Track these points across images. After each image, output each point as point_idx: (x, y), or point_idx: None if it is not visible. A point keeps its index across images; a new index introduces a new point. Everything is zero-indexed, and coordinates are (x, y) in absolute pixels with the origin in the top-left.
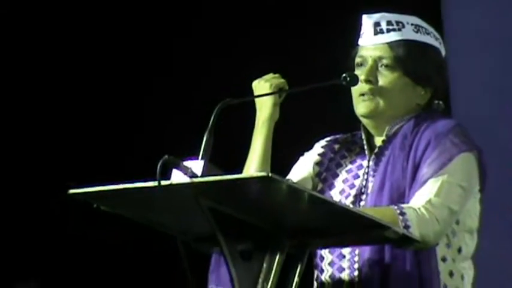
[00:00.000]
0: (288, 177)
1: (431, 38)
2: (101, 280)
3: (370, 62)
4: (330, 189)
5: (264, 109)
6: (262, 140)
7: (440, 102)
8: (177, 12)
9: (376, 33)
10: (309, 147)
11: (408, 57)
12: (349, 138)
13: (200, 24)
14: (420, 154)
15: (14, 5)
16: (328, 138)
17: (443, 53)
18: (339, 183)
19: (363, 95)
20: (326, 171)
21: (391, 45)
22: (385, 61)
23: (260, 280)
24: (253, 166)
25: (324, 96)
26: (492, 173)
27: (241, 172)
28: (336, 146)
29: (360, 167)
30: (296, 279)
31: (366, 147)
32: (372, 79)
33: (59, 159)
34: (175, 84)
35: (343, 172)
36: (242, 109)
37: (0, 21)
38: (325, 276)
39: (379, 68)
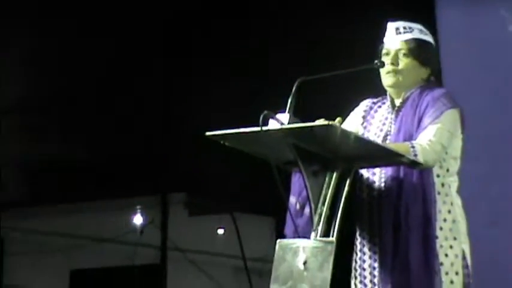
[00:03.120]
0: (344, 123)
1: (428, 37)
2: None
3: (393, 52)
4: (368, 131)
5: None
6: None
7: (433, 78)
8: None
9: (397, 34)
10: (356, 105)
11: (416, 49)
12: (380, 100)
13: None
14: (423, 110)
15: None
16: (368, 100)
17: (434, 45)
18: (373, 128)
19: (389, 72)
20: (366, 121)
21: (406, 41)
22: (402, 51)
23: (323, 189)
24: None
25: (366, 74)
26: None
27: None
28: (373, 105)
29: (386, 118)
30: (346, 188)
31: (390, 106)
32: (394, 63)
33: None
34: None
35: (376, 121)
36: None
37: None
38: (363, 187)
39: (399, 56)
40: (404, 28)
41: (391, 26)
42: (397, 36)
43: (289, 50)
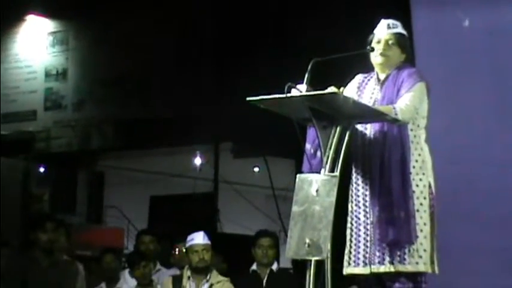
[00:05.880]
0: (345, 91)
1: (405, 31)
2: None
3: (383, 41)
4: (362, 98)
5: None
6: None
7: (407, 61)
8: None
9: (387, 28)
10: (352, 77)
11: (400, 40)
12: (369, 75)
13: None
14: (400, 83)
15: None
16: (360, 74)
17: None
18: (365, 95)
19: (379, 55)
20: (359, 90)
21: (394, 34)
22: (390, 41)
23: (330, 138)
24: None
25: (358, 57)
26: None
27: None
28: (364, 78)
29: (374, 89)
30: (346, 138)
31: (376, 80)
32: (386, 48)
33: None
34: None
35: (367, 91)
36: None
37: None
38: (358, 137)
39: (388, 44)
40: (393, 24)
41: (383, 22)
42: (387, 29)
43: (307, 40)
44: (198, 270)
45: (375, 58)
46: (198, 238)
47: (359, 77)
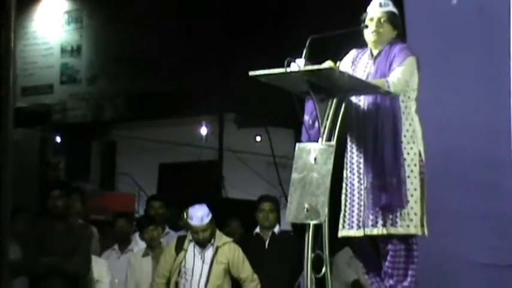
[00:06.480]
0: (340, 65)
1: (396, 9)
2: None
3: (376, 19)
4: (356, 72)
5: None
6: None
7: (398, 37)
8: None
9: (380, 6)
10: (347, 52)
11: (391, 17)
12: (363, 50)
13: None
14: (392, 58)
15: None
16: (354, 50)
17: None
18: (359, 69)
19: (373, 32)
20: (354, 65)
21: (386, 12)
22: (382, 19)
23: (327, 110)
24: None
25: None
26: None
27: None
28: (358, 53)
29: (367, 63)
30: (342, 110)
31: (370, 55)
32: (378, 25)
33: None
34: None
35: (361, 65)
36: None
37: None
38: (352, 109)
39: (381, 21)
40: (385, 2)
41: (375, 1)
42: (379, 8)
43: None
44: (200, 243)
45: (368, 35)
46: (196, 219)
47: (353, 52)
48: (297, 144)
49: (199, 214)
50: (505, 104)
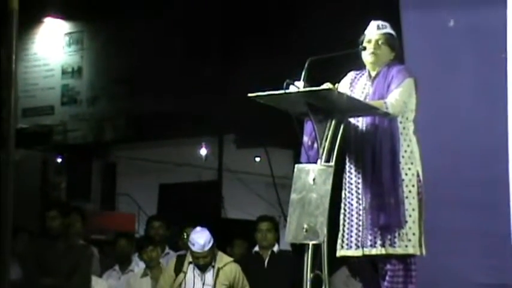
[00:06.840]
0: (339, 87)
1: (393, 31)
2: None
3: (373, 41)
4: (354, 94)
5: None
6: None
7: (396, 59)
8: None
9: (377, 29)
10: (345, 75)
11: (389, 39)
12: (361, 72)
13: None
14: (390, 79)
15: None
16: (353, 71)
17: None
18: (357, 91)
19: (370, 54)
20: (352, 86)
21: (383, 34)
22: (380, 41)
23: (326, 131)
24: None
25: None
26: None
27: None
28: (356, 75)
29: (366, 84)
30: (341, 131)
31: (368, 76)
32: (376, 47)
33: None
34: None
35: (359, 86)
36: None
37: None
38: (351, 129)
39: (378, 43)
40: (382, 25)
41: (373, 23)
42: (377, 30)
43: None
44: (200, 267)
45: (366, 57)
46: (198, 246)
47: (351, 74)
48: (296, 165)
49: (201, 242)
50: (501, 122)
